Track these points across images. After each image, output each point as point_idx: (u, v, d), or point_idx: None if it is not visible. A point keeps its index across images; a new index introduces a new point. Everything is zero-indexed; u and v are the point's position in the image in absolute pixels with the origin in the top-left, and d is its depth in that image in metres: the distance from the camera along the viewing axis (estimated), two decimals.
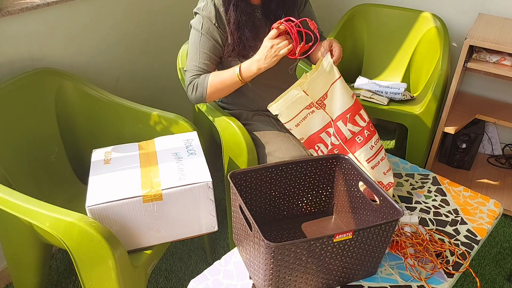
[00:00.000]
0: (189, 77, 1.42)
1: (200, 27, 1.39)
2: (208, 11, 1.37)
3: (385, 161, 1.37)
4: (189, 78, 1.42)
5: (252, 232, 0.98)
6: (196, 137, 1.43)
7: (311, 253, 0.95)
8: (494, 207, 1.40)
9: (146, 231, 1.23)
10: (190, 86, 1.42)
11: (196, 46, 1.40)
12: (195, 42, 1.41)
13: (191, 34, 1.43)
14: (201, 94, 1.40)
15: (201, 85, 1.39)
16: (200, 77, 1.40)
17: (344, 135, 1.34)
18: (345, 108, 1.34)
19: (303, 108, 1.32)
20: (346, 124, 1.33)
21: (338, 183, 1.25)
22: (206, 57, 1.40)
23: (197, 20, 1.41)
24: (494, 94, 2.30)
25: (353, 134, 1.35)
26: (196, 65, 1.41)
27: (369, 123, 1.37)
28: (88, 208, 1.14)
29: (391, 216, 1.08)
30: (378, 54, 2.35)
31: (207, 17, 1.38)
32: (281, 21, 1.26)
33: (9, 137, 1.38)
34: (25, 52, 1.47)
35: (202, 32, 1.39)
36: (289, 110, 1.32)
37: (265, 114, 1.56)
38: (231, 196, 1.12)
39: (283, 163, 1.19)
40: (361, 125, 1.35)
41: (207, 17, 1.38)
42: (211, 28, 1.39)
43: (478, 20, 2.07)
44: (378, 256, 1.07)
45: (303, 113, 1.33)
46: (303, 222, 1.26)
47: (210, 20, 1.38)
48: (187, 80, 1.43)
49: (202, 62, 1.40)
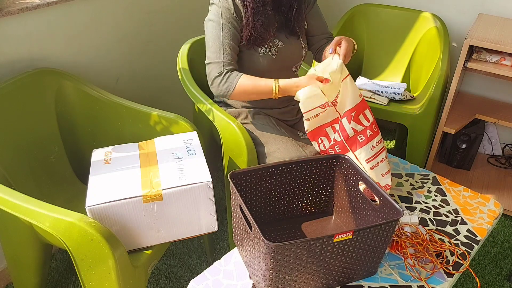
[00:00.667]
0: (216, 69, 1.39)
1: (220, 17, 1.40)
2: (226, 2, 1.39)
3: (385, 163, 1.37)
4: (217, 70, 1.39)
5: (252, 232, 0.98)
6: (196, 137, 1.43)
7: (311, 253, 0.95)
8: (494, 207, 1.40)
9: (146, 231, 1.23)
10: (217, 78, 1.39)
11: (219, 37, 1.40)
12: (217, 34, 1.40)
13: (210, 26, 1.42)
14: (228, 90, 1.39)
15: (231, 81, 1.38)
16: (232, 72, 1.39)
17: (346, 132, 1.34)
18: (352, 106, 1.33)
19: (317, 106, 1.32)
20: (350, 122, 1.33)
21: (338, 183, 1.25)
22: (230, 47, 1.40)
23: (215, 12, 1.41)
24: (494, 94, 2.30)
25: (356, 132, 1.34)
26: (221, 56, 1.39)
27: (373, 124, 1.37)
28: (88, 208, 1.14)
29: (391, 216, 1.08)
30: (378, 54, 2.35)
31: (226, 7, 1.39)
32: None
33: (9, 137, 1.38)
34: (25, 52, 1.47)
35: (224, 22, 1.40)
36: (306, 103, 1.32)
37: (265, 114, 1.57)
38: (231, 196, 1.12)
39: (283, 163, 1.19)
40: (364, 124, 1.35)
41: (226, 8, 1.39)
42: (231, 17, 1.40)
43: (478, 20, 2.07)
44: (378, 256, 1.07)
45: (317, 111, 1.33)
46: (303, 222, 1.26)
47: (229, 10, 1.40)
48: (213, 72, 1.40)
49: (227, 53, 1.39)
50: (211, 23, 1.42)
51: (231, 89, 1.38)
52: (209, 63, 1.42)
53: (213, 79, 1.40)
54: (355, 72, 2.37)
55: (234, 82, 1.37)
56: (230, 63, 1.40)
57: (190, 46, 1.71)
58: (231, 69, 1.40)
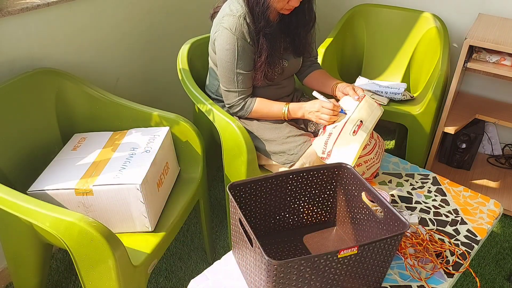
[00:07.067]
0: (232, 97, 1.50)
1: (235, 46, 1.41)
2: (241, 32, 1.39)
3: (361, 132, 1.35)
4: (233, 98, 1.50)
5: (252, 248, 0.95)
6: (164, 133, 1.45)
7: (315, 269, 0.92)
8: (494, 207, 1.40)
9: None
10: (234, 107, 1.52)
11: (234, 66, 1.43)
12: (232, 63, 1.43)
13: (224, 55, 1.43)
14: (243, 115, 1.53)
15: (246, 108, 1.51)
16: (247, 100, 1.50)
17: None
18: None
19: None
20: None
21: (340, 193, 1.21)
22: (245, 76, 1.46)
23: (229, 40, 1.40)
24: (494, 94, 2.30)
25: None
26: (236, 86, 1.47)
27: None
28: (27, 193, 1.22)
29: (396, 228, 1.02)
30: (378, 54, 2.35)
31: (242, 38, 1.40)
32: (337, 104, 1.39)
33: (9, 137, 1.38)
34: (25, 52, 1.47)
35: (239, 52, 1.41)
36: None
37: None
38: (231, 208, 1.08)
39: (284, 173, 1.14)
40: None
41: (242, 38, 1.40)
42: (247, 47, 1.42)
43: (478, 20, 2.07)
44: (383, 271, 1.04)
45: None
46: (304, 233, 1.22)
47: (245, 40, 1.41)
48: (230, 99, 1.51)
49: (241, 81, 1.46)
50: (226, 52, 1.42)
51: (246, 114, 1.52)
52: (225, 90, 1.49)
53: (230, 106, 1.53)
54: (355, 72, 2.37)
55: (249, 109, 1.51)
56: (245, 91, 1.49)
57: (190, 46, 1.71)
58: (246, 97, 1.51)
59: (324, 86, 1.59)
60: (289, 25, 1.51)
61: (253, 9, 1.37)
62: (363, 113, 1.36)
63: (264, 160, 1.52)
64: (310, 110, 1.42)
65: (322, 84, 1.61)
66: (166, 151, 1.45)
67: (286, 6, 1.39)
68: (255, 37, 1.41)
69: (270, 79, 1.50)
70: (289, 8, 1.40)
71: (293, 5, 1.38)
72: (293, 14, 1.47)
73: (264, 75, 1.47)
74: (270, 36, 1.42)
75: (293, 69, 1.60)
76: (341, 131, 1.33)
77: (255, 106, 1.49)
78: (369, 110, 1.37)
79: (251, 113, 1.51)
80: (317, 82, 1.64)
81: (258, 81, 1.48)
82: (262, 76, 1.47)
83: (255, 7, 1.37)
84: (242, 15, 1.38)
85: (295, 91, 1.69)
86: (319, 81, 1.63)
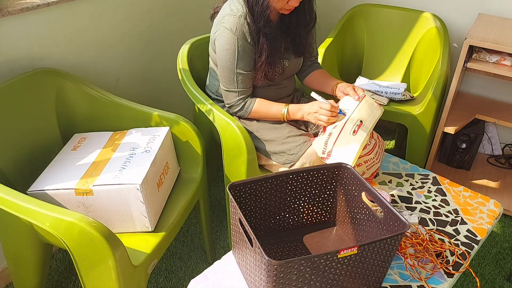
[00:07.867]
0: (232, 97, 1.50)
1: (236, 46, 1.40)
2: (241, 32, 1.39)
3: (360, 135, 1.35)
4: (233, 98, 1.50)
5: (253, 248, 0.95)
6: (164, 133, 1.45)
7: (315, 269, 0.92)
8: (494, 207, 1.40)
9: None
10: (234, 107, 1.52)
11: (234, 66, 1.43)
12: (232, 63, 1.43)
13: (224, 54, 1.43)
14: (243, 115, 1.53)
15: (246, 108, 1.51)
16: (246, 100, 1.50)
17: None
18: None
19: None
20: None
21: (340, 193, 1.21)
22: (245, 76, 1.45)
23: (229, 39, 1.40)
24: (494, 94, 2.30)
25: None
26: (235, 86, 1.47)
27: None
28: (27, 193, 1.21)
29: (395, 228, 1.02)
30: (378, 54, 2.35)
31: (242, 38, 1.40)
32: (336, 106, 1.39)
33: (9, 137, 1.38)
34: (25, 52, 1.47)
35: (240, 52, 1.41)
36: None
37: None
38: (231, 209, 1.08)
39: (284, 173, 1.14)
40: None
41: (242, 38, 1.40)
42: (247, 47, 1.42)
43: (478, 20, 2.07)
44: (383, 271, 1.04)
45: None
46: (304, 233, 1.22)
47: (246, 40, 1.40)
48: (229, 99, 1.51)
49: (241, 81, 1.46)
50: (226, 52, 1.42)
51: (246, 114, 1.52)
52: (225, 90, 1.49)
53: (230, 105, 1.53)
54: (355, 72, 2.37)
55: (249, 109, 1.51)
56: (245, 91, 1.49)
57: (190, 46, 1.71)
58: (246, 97, 1.50)
59: (325, 86, 1.59)
60: (289, 25, 1.51)
61: (253, 8, 1.37)
62: (363, 113, 1.36)
63: (264, 160, 1.52)
64: (309, 111, 1.43)
65: (323, 84, 1.61)
66: (166, 151, 1.45)
67: (286, 6, 1.39)
68: (255, 37, 1.41)
69: (271, 79, 1.49)
70: (289, 8, 1.40)
71: (292, 5, 1.38)
72: (293, 14, 1.47)
73: (265, 75, 1.47)
74: (270, 36, 1.42)
75: (293, 69, 1.60)
76: (341, 131, 1.33)
77: (255, 107, 1.50)
78: (369, 110, 1.37)
79: (251, 113, 1.51)
80: (317, 82, 1.64)
81: (259, 81, 1.48)
82: (263, 76, 1.47)
83: (254, 6, 1.37)
84: (242, 15, 1.38)
85: (296, 91, 1.69)
86: (319, 81, 1.63)
